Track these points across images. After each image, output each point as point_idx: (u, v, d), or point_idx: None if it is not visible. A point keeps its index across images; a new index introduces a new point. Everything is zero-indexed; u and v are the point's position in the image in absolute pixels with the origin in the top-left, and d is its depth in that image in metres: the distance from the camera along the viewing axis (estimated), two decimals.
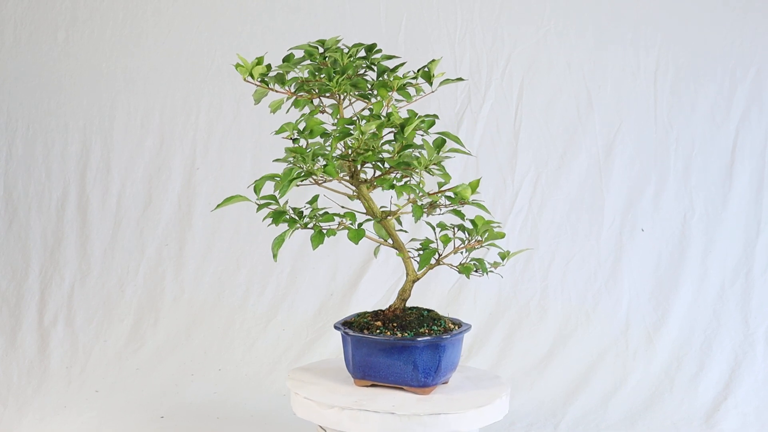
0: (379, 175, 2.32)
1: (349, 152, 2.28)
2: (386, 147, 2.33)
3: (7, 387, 3.36)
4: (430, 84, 2.38)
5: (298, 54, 2.45)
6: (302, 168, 2.24)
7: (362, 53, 2.42)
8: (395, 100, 2.38)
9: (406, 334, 2.32)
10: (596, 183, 3.70)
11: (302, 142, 2.29)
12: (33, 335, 3.61)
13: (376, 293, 3.66)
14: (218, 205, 2.33)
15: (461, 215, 2.34)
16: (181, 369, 3.49)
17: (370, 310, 2.67)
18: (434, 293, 3.63)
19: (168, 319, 3.68)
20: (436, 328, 2.35)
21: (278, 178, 2.25)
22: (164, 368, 3.49)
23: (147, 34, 3.87)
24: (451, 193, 2.32)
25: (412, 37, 3.76)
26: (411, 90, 2.39)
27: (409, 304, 2.67)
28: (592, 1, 3.72)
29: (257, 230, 3.79)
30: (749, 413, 3.26)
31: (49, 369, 3.47)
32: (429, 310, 2.45)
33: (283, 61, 2.40)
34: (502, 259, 2.37)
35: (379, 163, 2.31)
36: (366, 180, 2.33)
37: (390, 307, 2.44)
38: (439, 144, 2.28)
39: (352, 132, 2.23)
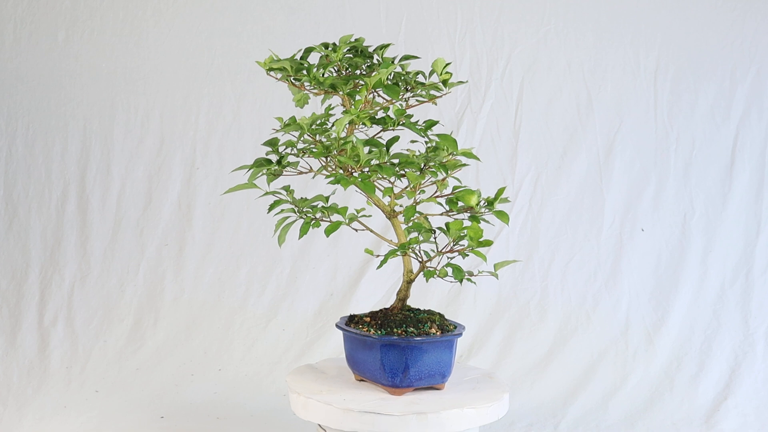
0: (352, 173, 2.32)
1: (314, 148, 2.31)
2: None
3: (7, 387, 3.36)
4: (445, 86, 2.36)
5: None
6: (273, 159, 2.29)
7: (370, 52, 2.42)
8: (396, 100, 2.38)
9: (379, 332, 2.31)
10: (596, 183, 3.70)
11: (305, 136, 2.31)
12: (33, 335, 3.61)
13: (377, 293, 3.66)
14: (227, 191, 2.33)
15: (476, 220, 2.32)
16: (181, 369, 3.49)
17: (369, 310, 2.67)
18: (435, 293, 3.63)
19: (168, 319, 3.68)
20: (412, 329, 2.32)
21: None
22: (164, 368, 3.49)
23: (147, 34, 3.87)
24: (443, 199, 2.30)
25: (412, 37, 3.76)
26: (411, 91, 2.39)
27: (420, 305, 2.68)
28: (592, 1, 3.72)
29: (257, 230, 3.79)
30: (749, 413, 3.26)
31: (49, 369, 3.47)
32: (431, 312, 2.44)
33: (301, 58, 2.41)
34: (496, 270, 2.34)
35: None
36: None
37: (391, 306, 2.45)
38: (390, 143, 2.26)
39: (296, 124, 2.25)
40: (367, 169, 2.28)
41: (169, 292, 3.74)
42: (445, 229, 2.28)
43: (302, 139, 2.31)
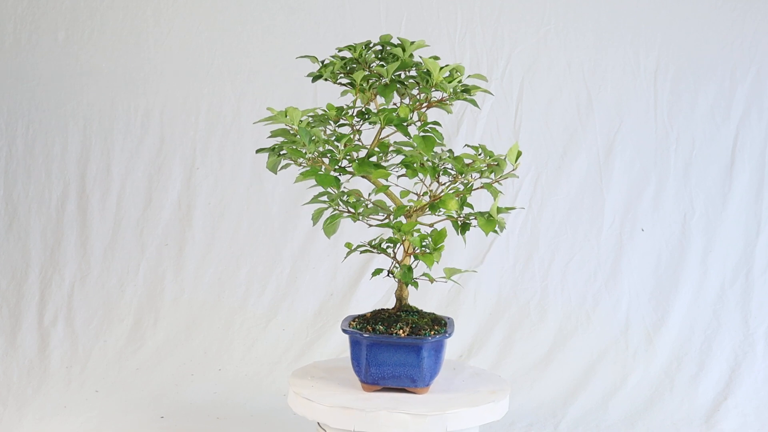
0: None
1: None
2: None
3: (7, 387, 3.35)
4: (446, 90, 2.35)
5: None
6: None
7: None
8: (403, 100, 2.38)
9: (356, 328, 2.34)
10: (596, 183, 3.70)
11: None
12: (33, 335, 3.61)
13: (377, 293, 3.66)
14: (299, 178, 2.29)
15: (467, 227, 2.32)
16: (181, 369, 3.49)
17: (369, 310, 2.68)
18: (435, 293, 3.63)
19: (168, 319, 3.68)
20: (380, 328, 2.33)
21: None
22: (164, 368, 3.49)
23: (147, 34, 3.87)
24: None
25: (413, 38, 3.75)
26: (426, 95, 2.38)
27: (420, 305, 2.67)
28: (592, 1, 3.72)
29: (257, 230, 3.79)
30: (749, 413, 3.26)
31: (49, 369, 3.47)
32: (422, 315, 2.43)
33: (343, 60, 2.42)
34: (448, 277, 2.34)
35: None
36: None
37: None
38: (343, 137, 2.27)
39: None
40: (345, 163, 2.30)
41: (169, 292, 3.74)
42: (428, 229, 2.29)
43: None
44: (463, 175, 2.30)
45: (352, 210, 2.33)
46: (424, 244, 2.28)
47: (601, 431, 3.17)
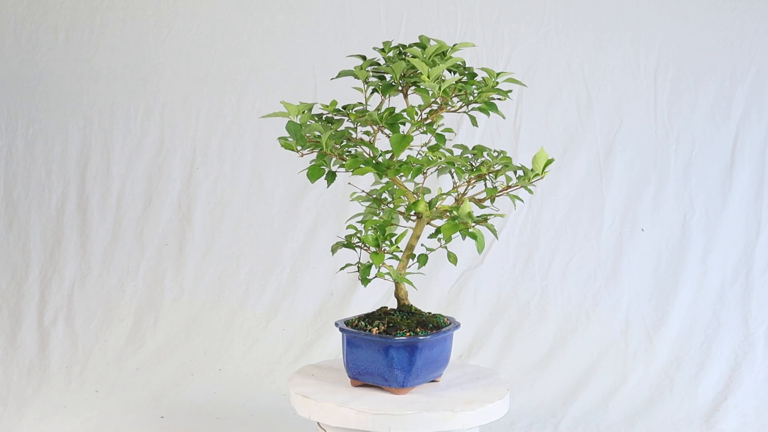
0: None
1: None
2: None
3: (7, 387, 3.36)
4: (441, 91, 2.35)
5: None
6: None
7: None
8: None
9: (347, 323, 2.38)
10: (596, 183, 3.70)
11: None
12: (33, 335, 3.61)
13: (377, 293, 3.66)
14: (355, 172, 2.28)
15: (452, 230, 2.32)
16: (181, 369, 3.49)
17: (369, 310, 2.68)
18: (435, 293, 3.63)
19: (168, 319, 3.68)
20: (365, 324, 2.36)
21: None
22: (164, 368, 3.49)
23: (147, 34, 3.87)
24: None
25: (413, 38, 3.75)
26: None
27: (420, 304, 2.68)
28: (592, 1, 3.72)
29: (257, 230, 3.79)
30: (749, 413, 3.26)
31: (49, 369, 3.47)
32: (412, 314, 2.43)
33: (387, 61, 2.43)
34: (396, 279, 2.36)
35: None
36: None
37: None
38: (331, 135, 2.28)
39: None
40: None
41: (169, 292, 3.74)
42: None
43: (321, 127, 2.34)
44: (459, 177, 2.31)
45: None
46: (386, 243, 2.31)
47: (601, 431, 3.17)
